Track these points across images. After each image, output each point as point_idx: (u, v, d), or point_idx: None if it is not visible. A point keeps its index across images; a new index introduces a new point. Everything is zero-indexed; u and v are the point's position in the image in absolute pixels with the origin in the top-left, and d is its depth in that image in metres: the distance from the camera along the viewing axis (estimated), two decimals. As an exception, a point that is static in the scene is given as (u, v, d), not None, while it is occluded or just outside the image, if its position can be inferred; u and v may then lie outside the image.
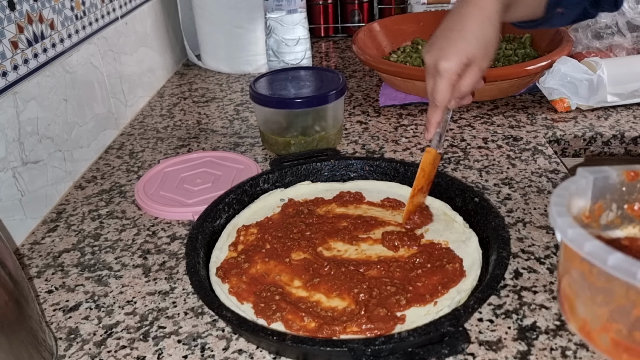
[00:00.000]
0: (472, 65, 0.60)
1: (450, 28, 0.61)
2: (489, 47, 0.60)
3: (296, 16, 1.09)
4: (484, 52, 0.60)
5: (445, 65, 0.60)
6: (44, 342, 0.52)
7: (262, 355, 0.53)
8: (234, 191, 0.72)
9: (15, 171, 0.72)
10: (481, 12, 0.60)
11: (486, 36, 0.60)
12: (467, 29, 0.59)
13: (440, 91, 0.61)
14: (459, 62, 0.59)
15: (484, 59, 0.61)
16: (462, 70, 0.60)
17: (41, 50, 0.79)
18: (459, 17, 0.61)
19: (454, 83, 0.61)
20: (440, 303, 0.55)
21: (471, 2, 0.61)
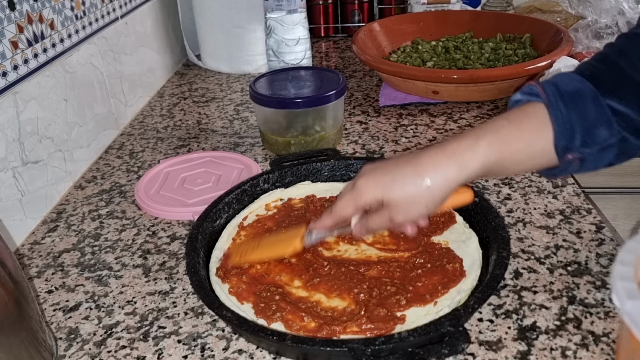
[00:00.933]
0: (387, 208, 0.53)
1: (397, 165, 0.52)
2: (412, 209, 0.52)
3: (296, 16, 1.09)
4: (404, 207, 0.52)
5: (362, 186, 0.53)
6: (44, 342, 0.52)
7: (262, 355, 0.53)
8: (234, 191, 0.72)
9: (15, 171, 0.72)
10: (431, 175, 0.51)
11: (416, 197, 0.51)
12: (405, 177, 0.51)
13: (343, 203, 0.55)
14: (373, 195, 0.52)
15: (401, 214, 0.52)
16: (376, 204, 0.53)
17: (41, 50, 0.79)
18: (411, 163, 0.52)
19: (358, 207, 0.54)
20: (440, 303, 0.55)
21: (430, 159, 0.51)
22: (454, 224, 0.66)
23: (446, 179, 0.51)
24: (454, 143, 0.51)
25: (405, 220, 0.53)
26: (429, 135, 0.93)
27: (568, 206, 0.73)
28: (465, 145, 0.51)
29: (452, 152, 0.51)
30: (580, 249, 0.65)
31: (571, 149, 0.51)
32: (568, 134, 0.50)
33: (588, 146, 0.51)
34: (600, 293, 0.58)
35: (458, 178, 0.51)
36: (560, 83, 0.52)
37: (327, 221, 0.58)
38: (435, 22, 1.29)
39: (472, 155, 0.51)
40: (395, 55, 1.20)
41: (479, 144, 0.51)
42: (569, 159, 0.52)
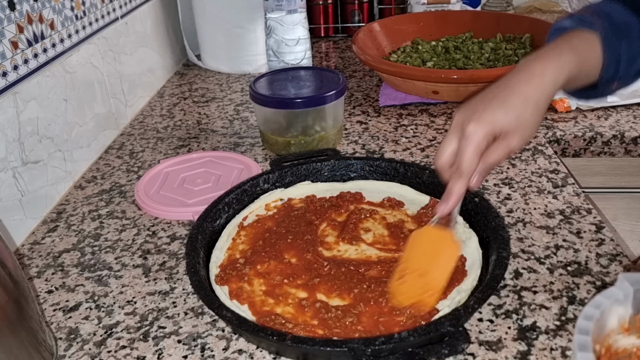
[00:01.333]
0: (501, 139, 0.53)
1: (494, 95, 0.54)
2: (526, 129, 0.53)
3: (296, 16, 1.09)
4: (519, 130, 0.53)
5: (473, 129, 0.52)
6: (44, 342, 0.52)
7: (262, 355, 0.53)
8: (234, 191, 0.72)
9: (15, 171, 0.72)
10: (532, 90, 0.53)
11: (526, 116, 0.53)
12: (509, 102, 0.53)
13: (468, 158, 0.53)
14: (490, 130, 0.52)
15: (517, 138, 0.53)
16: (490, 141, 0.53)
17: (41, 50, 0.79)
18: (507, 86, 0.54)
19: (481, 152, 0.53)
20: (441, 303, 0.55)
21: (526, 76, 0.54)
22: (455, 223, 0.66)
23: (544, 87, 0.53)
24: (535, 62, 0.55)
25: (523, 143, 0.54)
26: (429, 135, 0.93)
27: (568, 206, 0.73)
28: (548, 59, 0.54)
29: (540, 69, 0.54)
30: (580, 249, 0.65)
31: (615, 78, 0.57)
32: (615, 65, 0.55)
33: (628, 74, 0.57)
34: (600, 293, 0.58)
35: (557, 81, 0.53)
36: (614, 14, 0.56)
37: (460, 187, 0.55)
38: (435, 22, 1.29)
39: (560, 63, 0.54)
40: (395, 55, 1.20)
41: (559, 56, 0.54)
42: (611, 87, 0.58)
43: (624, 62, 0.55)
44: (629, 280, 0.38)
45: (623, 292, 0.38)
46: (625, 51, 0.55)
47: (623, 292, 0.38)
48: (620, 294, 0.38)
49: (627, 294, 0.38)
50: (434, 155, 0.86)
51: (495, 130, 0.53)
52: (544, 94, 0.53)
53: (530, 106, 0.53)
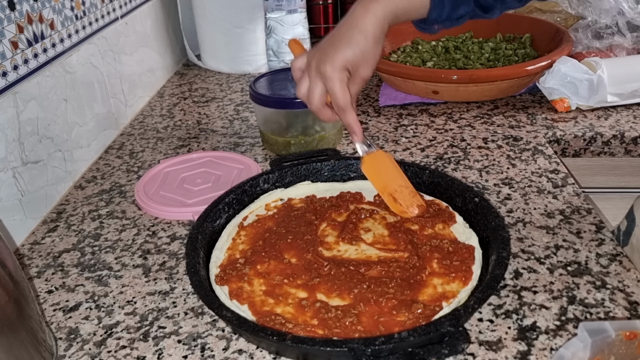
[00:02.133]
0: (354, 73, 0.64)
1: (339, 36, 0.64)
2: (372, 59, 0.64)
3: (296, 16, 1.09)
4: (367, 62, 0.64)
5: (330, 69, 0.62)
6: (44, 342, 0.52)
7: (262, 355, 0.53)
8: (234, 191, 0.72)
9: (15, 171, 0.72)
10: (369, 26, 0.63)
11: (369, 49, 0.63)
12: (353, 40, 0.63)
13: (340, 94, 0.63)
14: (343, 66, 0.63)
15: (366, 69, 0.64)
16: (347, 75, 0.64)
17: (41, 50, 0.79)
18: (348, 26, 0.64)
19: (346, 84, 0.64)
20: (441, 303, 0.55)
21: (362, 14, 0.64)
22: (454, 223, 0.66)
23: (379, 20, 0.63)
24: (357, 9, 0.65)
25: (372, 71, 0.66)
26: (429, 135, 0.93)
27: (568, 206, 0.73)
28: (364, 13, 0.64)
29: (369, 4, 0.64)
30: (580, 249, 0.65)
31: (438, 20, 0.67)
32: (439, 10, 0.66)
33: (449, 19, 0.68)
34: (600, 293, 0.58)
35: (386, 17, 0.64)
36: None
37: (352, 115, 0.66)
38: (435, 22, 1.28)
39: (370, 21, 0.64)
40: (395, 55, 1.20)
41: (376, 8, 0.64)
42: (433, 27, 0.69)
43: (448, 7, 0.66)
44: (587, 330, 0.44)
45: (582, 343, 0.44)
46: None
47: (582, 343, 0.44)
48: (580, 345, 0.44)
49: (585, 344, 0.44)
50: (434, 155, 0.86)
51: (347, 65, 0.63)
52: (378, 28, 0.63)
53: (370, 39, 0.63)
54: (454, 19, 0.68)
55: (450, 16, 0.67)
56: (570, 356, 0.43)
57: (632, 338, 0.44)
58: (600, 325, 0.45)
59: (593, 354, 0.44)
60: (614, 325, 0.45)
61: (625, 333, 0.44)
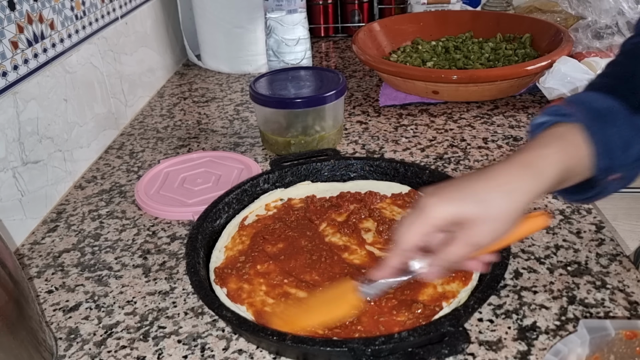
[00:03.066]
0: (466, 228, 0.46)
1: (468, 181, 0.48)
2: (496, 224, 0.46)
3: (296, 16, 1.09)
4: (488, 224, 0.46)
5: (432, 204, 0.46)
6: (44, 342, 0.52)
7: (262, 355, 0.53)
8: (234, 191, 0.72)
9: (15, 171, 0.72)
10: (509, 186, 0.46)
11: (499, 210, 0.46)
12: (483, 190, 0.46)
13: (410, 230, 0.47)
14: (450, 211, 0.46)
15: (484, 232, 0.46)
16: (452, 226, 0.47)
17: (41, 50, 0.79)
18: (485, 176, 0.47)
19: (431, 232, 0.47)
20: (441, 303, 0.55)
21: (505, 172, 0.47)
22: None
23: (528, 190, 0.46)
24: (524, 155, 0.48)
25: (489, 241, 0.47)
26: (429, 135, 0.93)
27: (568, 206, 0.73)
28: (536, 155, 0.47)
29: (528, 163, 0.47)
30: (580, 249, 0.65)
31: (613, 168, 0.48)
32: (609, 154, 0.47)
33: (625, 162, 0.48)
34: (600, 293, 0.58)
35: (538, 187, 0.47)
36: (590, 101, 0.49)
37: (392, 261, 0.49)
38: (435, 22, 1.29)
39: (547, 163, 0.47)
40: (395, 55, 1.20)
41: (548, 153, 0.47)
42: (609, 180, 0.49)
43: (617, 150, 0.47)
44: (587, 328, 0.44)
45: (580, 340, 0.44)
46: (616, 137, 0.47)
47: (580, 340, 0.44)
48: (578, 341, 0.44)
49: (584, 340, 0.44)
50: (434, 155, 0.86)
51: (457, 214, 0.46)
52: (525, 195, 0.46)
53: (503, 201, 0.46)
54: (630, 163, 0.49)
55: (626, 160, 0.48)
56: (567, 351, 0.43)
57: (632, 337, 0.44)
58: (601, 323, 0.45)
59: (592, 352, 0.45)
60: (614, 324, 0.45)
61: (625, 332, 0.44)
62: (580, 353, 0.44)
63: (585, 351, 0.44)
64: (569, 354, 0.44)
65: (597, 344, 0.44)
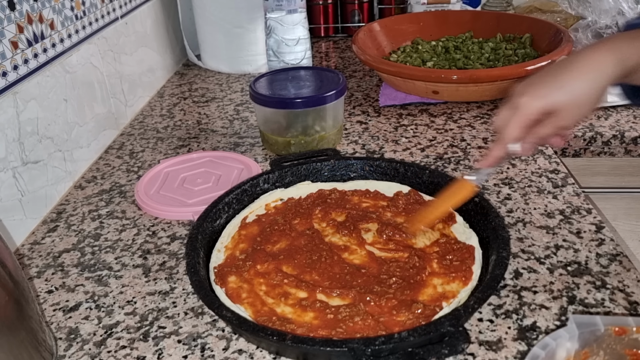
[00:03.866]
0: (555, 116, 0.55)
1: (553, 73, 0.55)
2: (581, 109, 0.55)
3: (296, 16, 1.09)
4: (574, 110, 0.54)
5: (525, 102, 0.55)
6: (44, 342, 0.52)
7: (262, 355, 0.53)
8: (234, 191, 0.72)
9: (15, 171, 0.72)
10: (592, 73, 0.54)
11: (583, 97, 0.54)
12: (567, 81, 0.54)
13: (510, 126, 0.56)
14: (542, 105, 0.54)
15: (570, 117, 0.55)
16: (543, 116, 0.55)
17: (41, 50, 0.79)
18: (568, 67, 0.55)
19: (528, 124, 0.56)
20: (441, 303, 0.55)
21: (587, 59, 0.54)
22: (454, 223, 0.66)
23: (605, 73, 0.53)
24: (612, 40, 0.55)
25: (573, 124, 0.56)
26: (429, 135, 0.93)
27: (568, 206, 0.73)
28: (624, 42, 0.54)
29: (615, 48, 0.54)
30: (580, 249, 0.65)
31: None
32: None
33: None
34: (600, 293, 0.58)
35: (615, 73, 0.54)
36: None
37: (497, 151, 0.59)
38: (435, 22, 1.29)
39: (632, 51, 0.53)
40: (395, 55, 1.20)
41: (623, 42, 0.54)
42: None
43: None
44: (577, 323, 0.45)
45: (569, 334, 0.44)
46: None
47: (569, 334, 0.44)
48: (567, 336, 0.44)
49: (572, 335, 0.44)
50: (434, 156, 0.86)
51: (547, 106, 0.54)
52: (603, 77, 0.53)
53: (586, 87, 0.54)
54: None
55: None
56: (555, 345, 0.44)
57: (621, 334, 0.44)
58: (590, 319, 0.45)
59: (581, 347, 0.45)
60: (604, 320, 0.45)
61: (614, 328, 0.44)
62: (569, 348, 0.45)
63: (575, 346, 0.45)
64: (558, 348, 0.44)
65: (586, 339, 0.45)
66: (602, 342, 0.45)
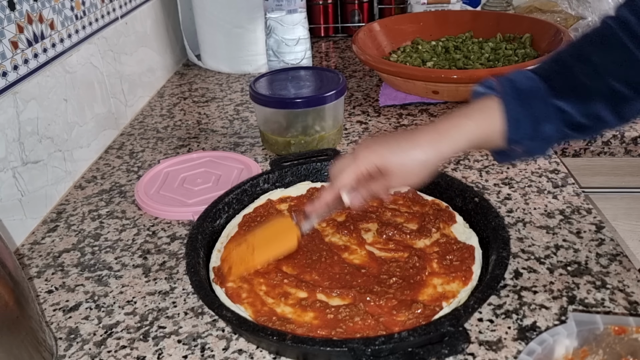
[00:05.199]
0: (386, 175, 0.57)
1: (398, 138, 0.58)
2: (409, 177, 0.58)
3: (296, 16, 1.09)
4: (403, 175, 0.57)
5: (364, 155, 0.57)
6: (44, 342, 0.52)
7: (262, 355, 0.53)
8: (234, 191, 0.72)
9: (15, 171, 0.72)
10: (429, 149, 0.56)
11: (415, 167, 0.57)
12: (406, 149, 0.57)
13: (345, 174, 0.58)
14: (377, 162, 0.57)
15: (398, 180, 0.58)
16: (376, 173, 0.58)
17: (41, 50, 0.79)
18: (413, 136, 0.57)
19: (361, 176, 0.58)
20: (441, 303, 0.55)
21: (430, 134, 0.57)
22: (454, 223, 0.66)
23: (440, 153, 0.56)
24: (445, 123, 0.57)
25: (401, 186, 0.62)
26: (429, 135, 0.93)
27: (568, 206, 0.73)
28: (453, 125, 0.57)
29: (444, 131, 0.57)
30: (580, 249, 0.65)
31: (518, 141, 0.56)
32: (516, 128, 0.55)
33: (532, 139, 0.56)
34: (600, 293, 0.58)
35: (448, 152, 0.57)
36: (516, 80, 0.57)
37: (327, 196, 0.60)
38: (435, 22, 1.29)
39: (460, 133, 0.56)
40: (395, 55, 1.20)
41: (464, 124, 0.57)
42: (515, 149, 0.57)
43: (526, 124, 0.55)
44: (576, 320, 0.45)
45: (567, 331, 0.44)
46: (528, 113, 0.55)
47: (567, 331, 0.44)
48: (565, 333, 0.44)
49: (571, 332, 0.44)
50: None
51: (381, 165, 0.57)
52: (437, 156, 0.56)
53: (419, 160, 0.56)
54: (539, 140, 0.56)
55: (533, 136, 0.55)
56: (552, 342, 0.44)
57: (621, 333, 0.45)
58: (590, 317, 0.45)
59: (580, 345, 0.45)
60: (604, 319, 0.45)
61: (614, 327, 0.45)
62: (568, 345, 0.45)
63: (574, 344, 0.45)
64: (556, 344, 0.44)
65: (585, 337, 0.45)
66: (602, 341, 0.45)
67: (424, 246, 0.64)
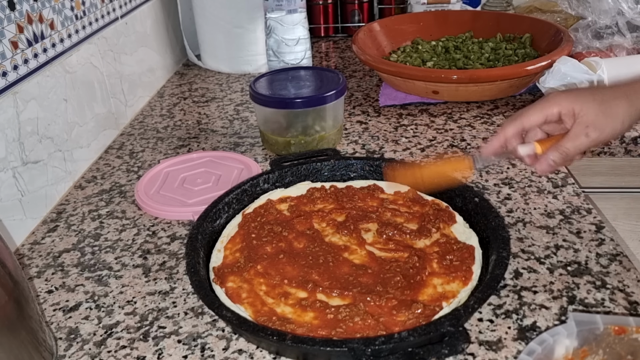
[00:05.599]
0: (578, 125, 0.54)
1: (593, 89, 0.56)
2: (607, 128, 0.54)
3: (296, 16, 1.09)
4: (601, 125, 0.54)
5: (554, 96, 0.54)
6: (44, 342, 0.52)
7: (262, 355, 0.53)
8: (234, 191, 0.72)
9: (15, 171, 0.72)
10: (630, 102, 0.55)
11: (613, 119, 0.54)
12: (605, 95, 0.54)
13: (528, 112, 0.57)
14: (572, 106, 0.54)
15: (596, 132, 0.54)
16: (565, 116, 0.55)
17: (41, 50, 0.79)
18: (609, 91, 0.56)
19: (548, 115, 0.56)
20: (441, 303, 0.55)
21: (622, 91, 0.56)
22: (454, 223, 0.66)
23: (637, 109, 0.54)
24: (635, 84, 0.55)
25: (600, 141, 0.55)
26: (429, 135, 0.93)
27: (568, 206, 0.73)
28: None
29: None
30: (580, 249, 0.65)
31: None
32: None
33: None
34: (600, 293, 0.58)
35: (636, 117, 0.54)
36: None
37: (509, 131, 0.58)
38: (435, 22, 1.29)
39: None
40: (395, 55, 1.20)
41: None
42: None
43: None
44: (576, 320, 0.45)
45: (567, 331, 0.45)
46: None
47: (567, 331, 0.45)
48: (565, 333, 0.45)
49: (571, 332, 0.45)
50: (434, 155, 0.86)
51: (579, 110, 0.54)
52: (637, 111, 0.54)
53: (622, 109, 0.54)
54: None
55: None
56: (552, 342, 0.44)
57: (621, 333, 0.45)
58: (590, 317, 0.45)
59: (580, 345, 0.45)
60: (604, 319, 0.45)
61: (614, 328, 0.45)
62: (568, 345, 0.45)
63: (574, 343, 0.45)
64: (556, 344, 0.44)
65: (585, 338, 0.45)
66: (602, 341, 0.45)
67: (424, 246, 0.64)
